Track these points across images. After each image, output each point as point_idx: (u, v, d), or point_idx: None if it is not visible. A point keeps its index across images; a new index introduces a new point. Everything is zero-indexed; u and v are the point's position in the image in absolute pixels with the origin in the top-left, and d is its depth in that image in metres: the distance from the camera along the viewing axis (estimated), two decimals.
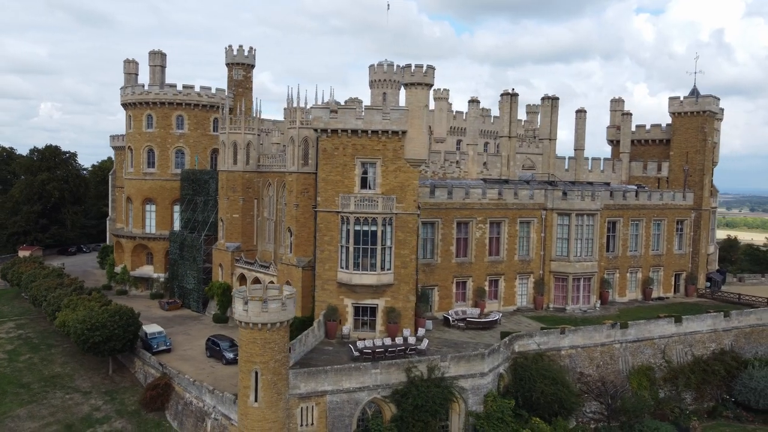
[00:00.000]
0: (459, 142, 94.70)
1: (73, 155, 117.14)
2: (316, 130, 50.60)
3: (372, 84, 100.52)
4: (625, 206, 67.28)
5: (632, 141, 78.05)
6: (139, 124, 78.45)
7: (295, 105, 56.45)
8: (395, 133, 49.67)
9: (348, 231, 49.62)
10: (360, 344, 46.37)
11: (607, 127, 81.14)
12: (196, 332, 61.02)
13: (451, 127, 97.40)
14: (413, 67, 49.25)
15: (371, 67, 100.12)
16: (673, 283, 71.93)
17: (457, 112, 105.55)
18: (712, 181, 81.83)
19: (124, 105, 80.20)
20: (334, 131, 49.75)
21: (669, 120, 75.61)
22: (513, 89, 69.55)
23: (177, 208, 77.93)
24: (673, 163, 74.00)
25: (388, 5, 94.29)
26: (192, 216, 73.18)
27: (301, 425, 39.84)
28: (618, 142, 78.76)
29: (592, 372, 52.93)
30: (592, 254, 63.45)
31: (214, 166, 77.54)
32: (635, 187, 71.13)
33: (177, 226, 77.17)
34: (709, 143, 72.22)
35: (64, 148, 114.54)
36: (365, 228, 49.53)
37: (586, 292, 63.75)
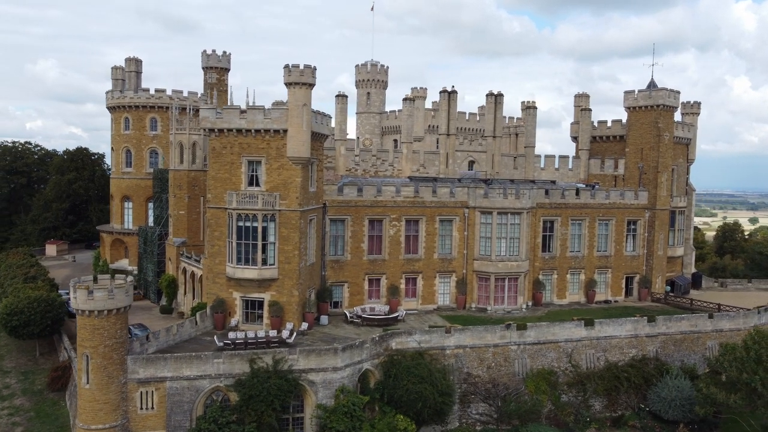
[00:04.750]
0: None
1: (101, 156, 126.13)
2: (204, 129, 52.88)
3: (358, 84, 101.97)
4: (564, 205, 64.91)
5: (594, 137, 74.87)
6: (119, 127, 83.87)
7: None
8: (277, 131, 51.08)
9: (232, 227, 51.51)
10: (231, 335, 48.14)
11: (571, 123, 78.21)
12: (140, 322, 64.52)
13: (429, 126, 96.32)
14: (291, 67, 50.36)
15: (357, 66, 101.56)
16: (623, 286, 68.54)
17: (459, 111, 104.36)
18: (688, 178, 77.26)
19: (108, 108, 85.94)
20: (221, 131, 51.79)
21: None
22: (453, 87, 69.01)
23: (151, 205, 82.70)
24: (628, 160, 70.41)
25: (372, 6, 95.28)
26: (159, 213, 77.51)
27: (141, 409, 42.16)
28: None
29: (482, 373, 51.85)
30: (518, 254, 61.76)
31: None
32: (579, 185, 68.25)
33: (151, 222, 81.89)
34: (666, 139, 68.08)
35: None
36: (248, 224, 51.27)
37: (512, 292, 62.16)
